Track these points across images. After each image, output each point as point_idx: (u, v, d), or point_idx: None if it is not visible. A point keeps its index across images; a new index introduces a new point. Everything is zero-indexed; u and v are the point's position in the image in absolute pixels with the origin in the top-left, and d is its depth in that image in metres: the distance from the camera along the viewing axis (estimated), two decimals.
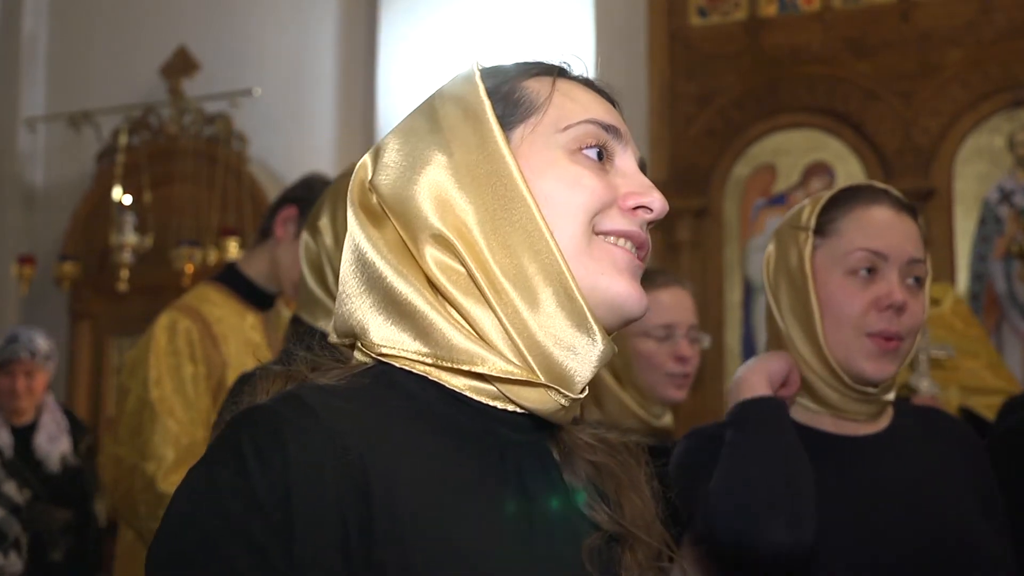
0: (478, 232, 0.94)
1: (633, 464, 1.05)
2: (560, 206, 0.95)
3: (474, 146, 0.96)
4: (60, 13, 6.12)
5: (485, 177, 0.95)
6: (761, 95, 4.98)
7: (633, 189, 0.99)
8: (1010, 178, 4.63)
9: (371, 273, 0.96)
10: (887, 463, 1.60)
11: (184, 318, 2.71)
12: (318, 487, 0.83)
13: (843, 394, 1.59)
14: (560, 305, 0.93)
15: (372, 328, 0.96)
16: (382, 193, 0.99)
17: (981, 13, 4.67)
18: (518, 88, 1.00)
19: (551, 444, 1.00)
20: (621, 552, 0.99)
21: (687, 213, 4.96)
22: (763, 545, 1.43)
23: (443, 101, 1.01)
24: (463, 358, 0.93)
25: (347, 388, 0.93)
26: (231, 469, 0.84)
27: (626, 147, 1.02)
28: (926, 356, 2.84)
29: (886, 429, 1.64)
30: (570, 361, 0.93)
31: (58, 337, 5.89)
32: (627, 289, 0.96)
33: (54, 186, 6.02)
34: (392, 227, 0.98)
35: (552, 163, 0.97)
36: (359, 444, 0.87)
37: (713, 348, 4.78)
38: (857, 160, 4.82)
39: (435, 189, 0.96)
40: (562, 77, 1.03)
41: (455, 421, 0.94)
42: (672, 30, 5.15)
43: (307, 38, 5.59)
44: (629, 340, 2.32)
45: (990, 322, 4.55)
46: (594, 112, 1.00)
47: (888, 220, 1.60)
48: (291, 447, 0.84)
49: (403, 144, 1.00)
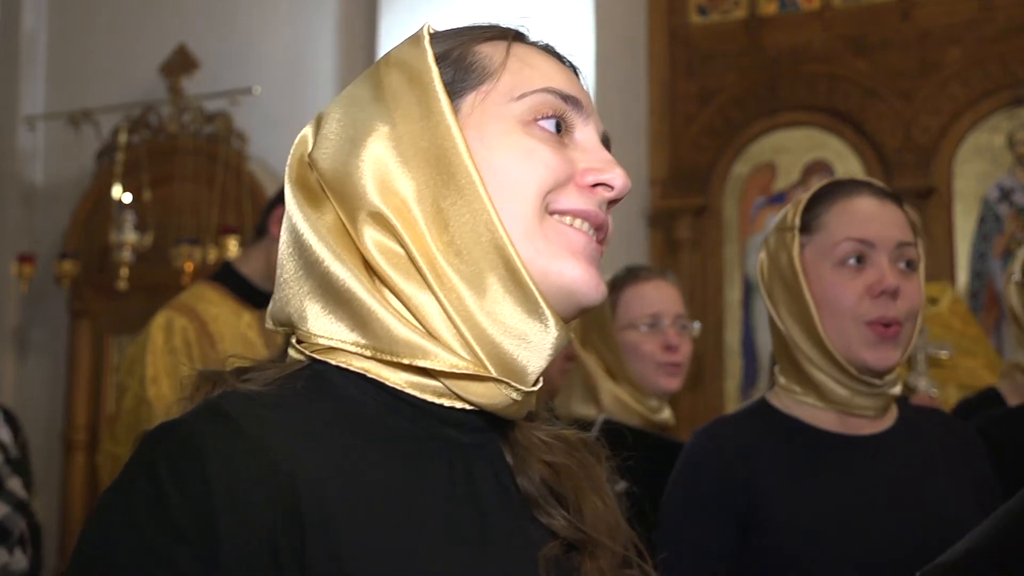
0: (418, 210, 0.86)
1: (593, 462, 0.97)
2: (510, 182, 0.87)
3: (418, 116, 0.88)
4: (60, 11, 6.12)
5: (428, 150, 0.87)
6: (761, 94, 4.98)
7: (592, 164, 0.91)
8: (1010, 177, 4.62)
9: (308, 257, 0.88)
10: (892, 462, 1.59)
11: (180, 317, 2.72)
12: (243, 508, 0.76)
13: (851, 388, 1.59)
14: (508, 291, 0.85)
15: (309, 317, 0.88)
16: (321, 169, 0.91)
17: (981, 11, 4.66)
18: (470, 52, 0.93)
19: (503, 444, 0.92)
20: (581, 560, 0.90)
21: (687, 212, 4.96)
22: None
23: (388, 67, 0.92)
24: (405, 351, 0.84)
25: (277, 394, 0.85)
26: (147, 494, 0.77)
27: (587, 119, 0.94)
28: (924, 355, 2.84)
29: (891, 428, 1.63)
30: (521, 351, 0.85)
31: (58, 336, 5.90)
32: (581, 274, 0.88)
33: (54, 185, 6.02)
34: (332, 208, 0.90)
35: (504, 134, 0.89)
36: (288, 460, 0.79)
37: (713, 347, 4.78)
38: (857, 159, 4.81)
39: (375, 164, 0.88)
40: (519, 41, 0.96)
41: (397, 426, 0.86)
42: (672, 28, 5.14)
43: (307, 37, 5.58)
44: (618, 333, 2.33)
45: (990, 320, 4.54)
46: (552, 80, 0.92)
47: (871, 208, 1.60)
48: (212, 468, 0.76)
49: (344, 114, 0.92)
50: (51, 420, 5.80)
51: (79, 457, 5.69)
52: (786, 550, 1.53)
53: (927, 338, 2.87)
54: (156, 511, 0.76)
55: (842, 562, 1.51)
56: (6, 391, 5.78)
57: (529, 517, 0.90)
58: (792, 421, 1.63)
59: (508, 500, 0.90)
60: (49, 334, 5.94)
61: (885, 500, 1.55)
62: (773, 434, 1.62)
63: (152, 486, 0.77)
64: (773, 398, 1.68)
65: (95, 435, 5.58)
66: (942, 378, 2.93)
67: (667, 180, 5.04)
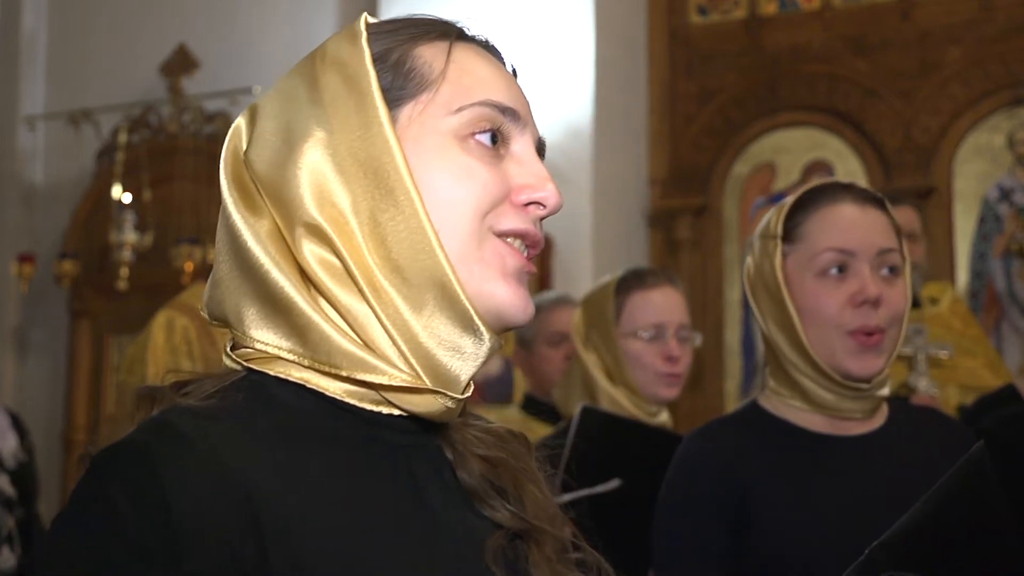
0: (356, 223, 0.86)
1: (524, 452, 0.99)
2: (449, 201, 0.87)
3: (356, 125, 0.87)
4: (60, 11, 6.12)
5: (366, 162, 0.86)
6: (761, 94, 4.98)
7: (527, 181, 0.91)
8: (1010, 176, 4.62)
9: (245, 260, 0.87)
10: (881, 463, 1.60)
11: (181, 316, 2.72)
12: (203, 521, 0.75)
13: (837, 393, 1.60)
14: (444, 307, 0.86)
15: (247, 320, 0.87)
16: (256, 171, 0.89)
17: (981, 11, 4.66)
18: (409, 57, 0.91)
19: (442, 443, 0.94)
20: (528, 548, 0.92)
21: (687, 212, 4.97)
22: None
23: (325, 65, 0.90)
24: (344, 363, 0.85)
25: (219, 408, 0.83)
26: (103, 519, 0.75)
27: (523, 129, 0.93)
28: (924, 355, 2.84)
29: (880, 428, 1.64)
30: (455, 362, 0.87)
31: (58, 336, 5.90)
32: (511, 298, 0.88)
33: (54, 184, 6.02)
34: (268, 212, 0.88)
35: (441, 150, 0.88)
36: (242, 471, 0.79)
37: (713, 347, 4.78)
38: (857, 158, 4.81)
39: (313, 173, 0.86)
40: (460, 40, 0.94)
41: (338, 433, 0.86)
42: (672, 28, 5.15)
43: (307, 37, 5.58)
44: (619, 340, 2.33)
45: (990, 320, 4.55)
46: (491, 91, 0.91)
47: (851, 216, 1.60)
48: (169, 484, 0.75)
49: (280, 111, 0.90)
50: (51, 420, 5.80)
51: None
52: (779, 551, 1.54)
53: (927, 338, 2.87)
54: (117, 535, 0.74)
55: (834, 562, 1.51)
56: (6, 391, 5.78)
57: (473, 511, 0.92)
58: (783, 423, 1.64)
59: (451, 496, 0.91)
60: (49, 334, 5.95)
61: (877, 499, 1.55)
62: (764, 436, 1.63)
63: (109, 510, 0.75)
64: (764, 400, 1.69)
65: (95, 435, 5.58)
66: (942, 378, 2.93)
67: (667, 180, 5.05)
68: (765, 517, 1.56)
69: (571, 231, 4.63)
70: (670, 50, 5.14)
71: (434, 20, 0.95)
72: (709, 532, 1.59)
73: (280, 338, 0.87)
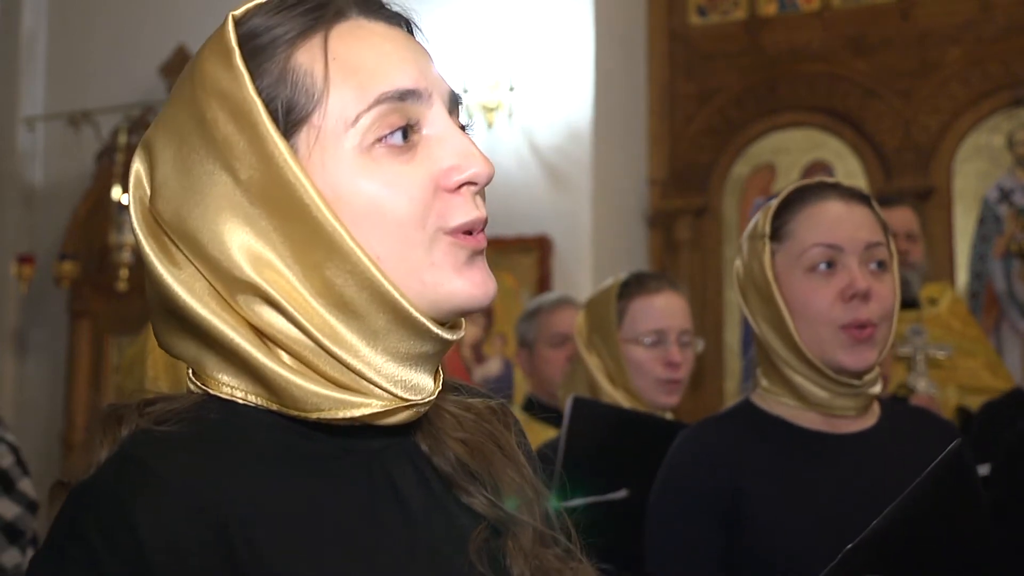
0: (293, 278, 0.81)
1: (502, 430, 0.96)
2: (380, 223, 0.81)
3: (258, 167, 0.80)
4: (59, 12, 6.12)
5: (281, 204, 0.80)
6: (761, 94, 4.98)
7: (451, 163, 0.83)
8: (1010, 177, 4.62)
9: (184, 317, 0.82)
10: (873, 461, 1.61)
11: None
12: (178, 556, 0.75)
13: (830, 390, 1.60)
14: (398, 327, 0.82)
15: (208, 365, 0.84)
16: (167, 223, 0.83)
17: (981, 11, 4.66)
18: (289, 71, 0.82)
19: (418, 435, 0.90)
20: (504, 540, 0.89)
21: (687, 212, 4.97)
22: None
23: (207, 94, 0.82)
24: (311, 406, 0.81)
25: (189, 433, 0.81)
26: (80, 561, 0.75)
27: (430, 102, 0.85)
28: (924, 356, 2.84)
29: (872, 427, 1.65)
30: (420, 370, 0.84)
31: (58, 336, 5.90)
32: (469, 290, 0.84)
33: (53, 185, 6.02)
34: (190, 264, 0.83)
35: (352, 173, 0.81)
36: (214, 499, 0.78)
37: (713, 347, 4.78)
38: (856, 159, 4.81)
39: (234, 231, 0.81)
40: (335, 22, 0.84)
41: (310, 450, 0.84)
42: (672, 29, 5.15)
43: None
44: (621, 345, 2.33)
45: (989, 321, 4.55)
46: (382, 79, 0.83)
47: (837, 212, 1.62)
48: (141, 525, 0.75)
49: (176, 152, 0.84)
50: (51, 421, 5.80)
51: None
52: (772, 548, 1.55)
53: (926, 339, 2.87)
54: (92, 574, 0.75)
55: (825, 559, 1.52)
56: (6, 392, 5.78)
57: (456, 502, 0.90)
58: (776, 421, 1.65)
59: (431, 492, 0.89)
60: (49, 335, 5.94)
61: (869, 497, 1.56)
62: (758, 434, 1.64)
63: (84, 551, 0.75)
64: (757, 399, 1.70)
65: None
66: (941, 379, 2.93)
67: (667, 180, 5.05)
68: (758, 514, 1.57)
69: (571, 232, 4.63)
70: (670, 51, 5.13)
71: (301, 5, 0.85)
72: (702, 529, 1.59)
73: (245, 383, 0.83)
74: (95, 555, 0.75)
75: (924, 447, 1.64)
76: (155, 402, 0.85)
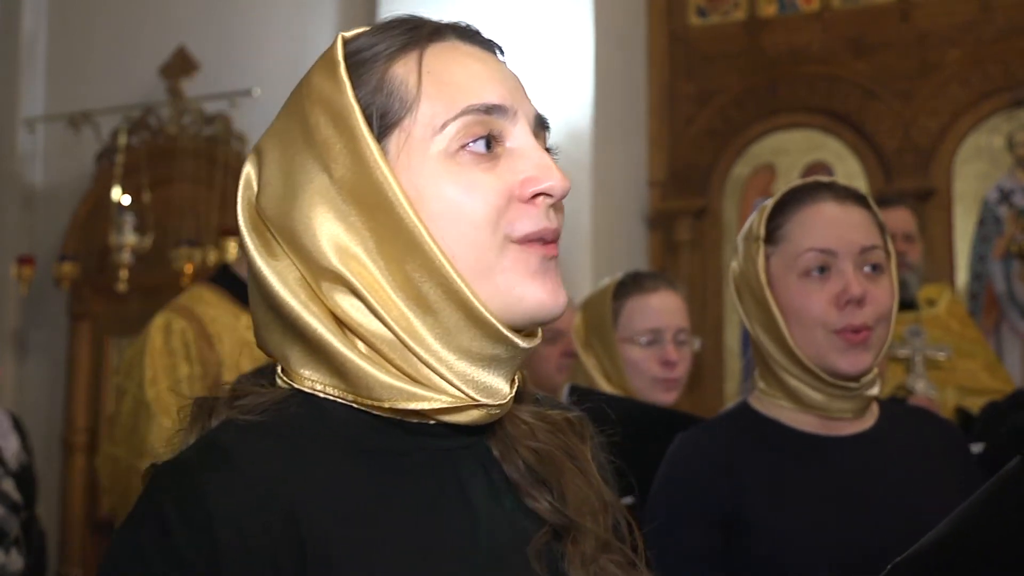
0: (375, 270, 0.88)
1: (576, 441, 1.00)
2: (457, 222, 0.88)
3: (351, 166, 0.88)
4: (59, 13, 6.12)
5: (370, 202, 0.87)
6: (760, 95, 4.98)
7: (529, 174, 0.90)
8: (1009, 178, 4.62)
9: (278, 306, 0.90)
10: (872, 462, 1.60)
11: (179, 318, 2.72)
12: (245, 539, 0.81)
13: (826, 393, 1.60)
14: (471, 328, 0.87)
15: (291, 359, 0.91)
16: (269, 218, 0.92)
17: (980, 12, 4.66)
18: (386, 80, 0.90)
19: (490, 439, 0.95)
20: (564, 544, 0.93)
21: (686, 213, 4.96)
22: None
23: (312, 104, 0.91)
24: (385, 395, 0.87)
25: (271, 423, 0.88)
26: (155, 531, 0.82)
27: (515, 119, 0.92)
28: (922, 357, 2.84)
29: (871, 428, 1.64)
30: (493, 374, 0.89)
31: (58, 337, 5.90)
32: (541, 297, 0.90)
33: (53, 186, 6.02)
34: (287, 257, 0.90)
35: (437, 174, 0.88)
36: (285, 486, 0.84)
37: (712, 348, 4.78)
38: (856, 160, 4.81)
39: (325, 223, 0.88)
40: (432, 43, 0.92)
41: (385, 445, 0.90)
42: (671, 30, 5.14)
43: (306, 38, 5.58)
44: (617, 345, 2.33)
45: (989, 322, 4.54)
46: (471, 94, 0.90)
47: (832, 215, 1.60)
48: (212, 502, 0.81)
49: (281, 157, 0.92)
50: (51, 422, 5.80)
51: (78, 459, 5.68)
52: (769, 550, 1.54)
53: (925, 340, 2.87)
54: (164, 547, 0.81)
55: (824, 561, 1.52)
56: (6, 393, 5.78)
57: (522, 508, 0.94)
58: (773, 423, 1.64)
59: (496, 494, 0.93)
60: (49, 336, 5.94)
61: (868, 499, 1.56)
62: (755, 436, 1.64)
63: (159, 523, 0.81)
64: (754, 401, 1.69)
65: (95, 437, 5.58)
66: (940, 380, 2.93)
67: (667, 181, 5.04)
68: (755, 516, 1.56)
69: (571, 232, 4.61)
70: (670, 52, 5.13)
71: (403, 26, 0.94)
72: (697, 534, 1.59)
73: (325, 375, 0.90)
74: (167, 524, 0.81)
75: (923, 447, 1.64)
76: (245, 396, 0.92)
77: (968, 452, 1.68)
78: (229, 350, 2.71)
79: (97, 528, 5.52)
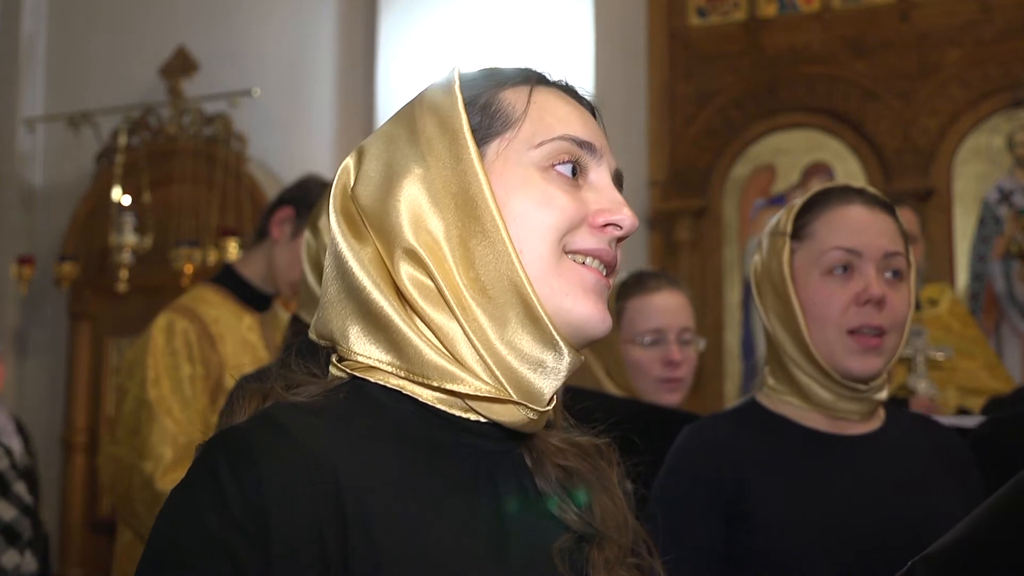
0: (447, 249, 0.96)
1: (604, 466, 1.07)
2: (530, 225, 0.96)
3: (448, 161, 0.97)
4: (59, 13, 6.12)
5: (458, 193, 0.96)
6: (760, 95, 4.98)
7: (604, 206, 1.00)
8: (1009, 178, 4.62)
9: (350, 283, 0.98)
10: (878, 463, 1.61)
11: (181, 319, 2.72)
12: (293, 503, 0.86)
13: (835, 393, 1.61)
14: (526, 324, 0.95)
15: (351, 336, 0.98)
16: (362, 205, 1.00)
17: (980, 13, 4.66)
18: (495, 100, 1.01)
19: (523, 450, 1.03)
20: (589, 550, 1.00)
21: (686, 213, 4.96)
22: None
23: (423, 110, 1.01)
24: (434, 374, 0.95)
25: (321, 405, 0.95)
26: (208, 490, 0.87)
27: (600, 161, 1.03)
28: (923, 357, 2.84)
29: (878, 430, 1.66)
30: (537, 377, 0.95)
31: (57, 338, 5.90)
32: (590, 312, 0.97)
33: (53, 186, 6.02)
34: (371, 241, 0.99)
35: (524, 181, 0.98)
36: (332, 460, 0.90)
37: (712, 348, 4.78)
38: (856, 160, 4.81)
39: (411, 204, 0.97)
40: (541, 85, 1.05)
41: (429, 434, 0.96)
42: (671, 30, 5.14)
43: (306, 38, 5.59)
44: (620, 346, 2.33)
45: (989, 322, 4.55)
46: (569, 127, 1.01)
47: (860, 218, 1.63)
48: (265, 467, 0.87)
49: (383, 152, 1.02)
50: (51, 422, 5.80)
51: (79, 459, 5.68)
52: (772, 545, 1.55)
53: (926, 340, 2.87)
54: (217, 506, 0.86)
55: (825, 559, 1.53)
56: (6, 393, 5.77)
57: (546, 514, 1.00)
58: (780, 419, 1.65)
59: (526, 498, 1.00)
60: (49, 336, 5.94)
61: (870, 498, 1.57)
62: (762, 432, 1.65)
63: (213, 484, 0.87)
64: (762, 398, 1.70)
65: (95, 437, 5.58)
66: (941, 380, 2.93)
67: (666, 182, 5.04)
68: (758, 510, 1.58)
69: None
70: (669, 52, 5.13)
71: (518, 69, 1.06)
72: (702, 528, 1.60)
73: (380, 351, 0.97)
74: (221, 486, 0.86)
75: (926, 453, 1.66)
76: (300, 384, 0.99)
77: (970, 461, 1.70)
78: (231, 351, 2.71)
79: (97, 528, 5.52)
